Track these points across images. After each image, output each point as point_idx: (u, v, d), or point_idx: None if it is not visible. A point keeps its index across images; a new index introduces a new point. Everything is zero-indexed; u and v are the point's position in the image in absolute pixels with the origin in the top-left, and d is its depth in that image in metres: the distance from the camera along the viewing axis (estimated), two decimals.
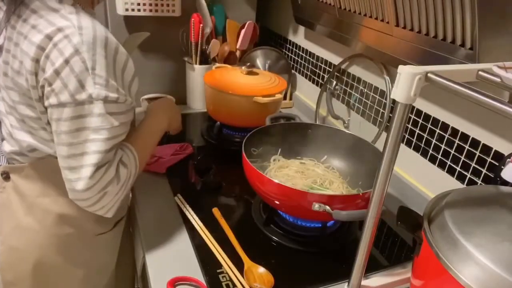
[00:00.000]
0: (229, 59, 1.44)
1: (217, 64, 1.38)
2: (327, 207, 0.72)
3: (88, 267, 0.83)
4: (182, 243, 0.79)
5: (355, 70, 1.18)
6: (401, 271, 0.74)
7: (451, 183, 0.86)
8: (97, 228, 0.80)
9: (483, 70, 0.49)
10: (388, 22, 0.87)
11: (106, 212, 0.69)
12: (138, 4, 1.24)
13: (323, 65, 1.34)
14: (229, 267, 0.73)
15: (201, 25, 1.30)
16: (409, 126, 0.97)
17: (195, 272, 0.72)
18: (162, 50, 1.38)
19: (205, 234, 0.81)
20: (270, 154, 0.98)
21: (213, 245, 0.78)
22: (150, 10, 1.26)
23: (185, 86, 1.43)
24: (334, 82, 1.27)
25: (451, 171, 0.87)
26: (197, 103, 1.42)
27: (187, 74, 1.39)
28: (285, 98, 1.48)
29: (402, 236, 0.87)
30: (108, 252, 0.87)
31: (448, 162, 0.87)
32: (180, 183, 0.99)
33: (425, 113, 0.92)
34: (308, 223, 0.86)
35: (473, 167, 0.81)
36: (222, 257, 0.75)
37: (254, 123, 1.04)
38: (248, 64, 1.20)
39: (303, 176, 0.93)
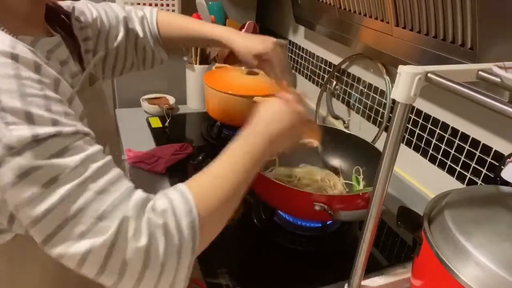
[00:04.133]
0: (229, 59, 1.44)
1: (217, 64, 1.38)
2: (327, 207, 0.72)
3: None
4: None
5: (355, 70, 1.18)
6: (401, 271, 0.74)
7: (451, 183, 0.86)
8: None
9: (483, 70, 0.49)
10: (388, 22, 0.87)
11: None
12: (138, 4, 1.24)
13: (323, 65, 1.34)
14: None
15: None
16: (409, 126, 0.97)
17: (195, 272, 0.72)
18: None
19: None
20: None
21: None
22: None
23: (185, 86, 1.43)
24: (334, 82, 1.27)
25: (451, 171, 0.87)
26: (197, 103, 1.42)
27: (187, 74, 1.39)
28: None
29: (402, 236, 0.87)
30: None
31: (448, 162, 0.87)
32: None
33: (425, 113, 0.92)
34: (308, 223, 0.86)
35: (473, 167, 0.81)
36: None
37: None
38: None
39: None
